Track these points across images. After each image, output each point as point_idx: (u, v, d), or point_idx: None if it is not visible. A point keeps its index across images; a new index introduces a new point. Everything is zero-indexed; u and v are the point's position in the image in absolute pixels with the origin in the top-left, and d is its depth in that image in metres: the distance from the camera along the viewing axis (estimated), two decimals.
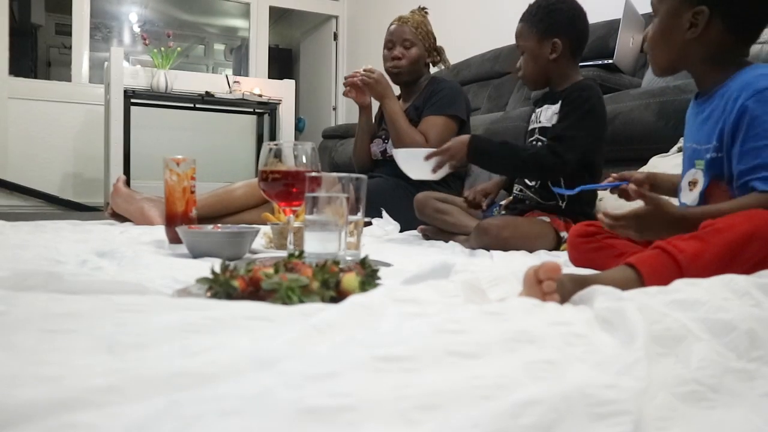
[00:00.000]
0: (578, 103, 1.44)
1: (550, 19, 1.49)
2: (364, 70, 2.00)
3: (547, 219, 1.46)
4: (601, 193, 1.71)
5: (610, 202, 1.64)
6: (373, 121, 2.27)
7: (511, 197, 1.64)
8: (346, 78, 2.08)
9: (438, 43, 2.22)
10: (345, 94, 2.10)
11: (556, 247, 1.43)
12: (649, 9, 1.03)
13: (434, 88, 2.09)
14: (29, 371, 0.39)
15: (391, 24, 2.18)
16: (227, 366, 0.40)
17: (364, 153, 2.23)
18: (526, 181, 1.57)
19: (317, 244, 0.92)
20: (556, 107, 1.50)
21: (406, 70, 2.13)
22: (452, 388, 0.37)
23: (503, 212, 1.63)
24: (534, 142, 1.55)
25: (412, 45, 2.11)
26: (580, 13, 1.53)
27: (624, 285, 0.68)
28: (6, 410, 0.32)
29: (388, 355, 0.41)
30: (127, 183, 2.32)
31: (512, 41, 2.85)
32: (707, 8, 0.92)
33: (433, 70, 2.29)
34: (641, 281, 0.70)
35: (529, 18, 1.52)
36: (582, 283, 0.69)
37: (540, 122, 1.54)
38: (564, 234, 1.44)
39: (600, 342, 0.51)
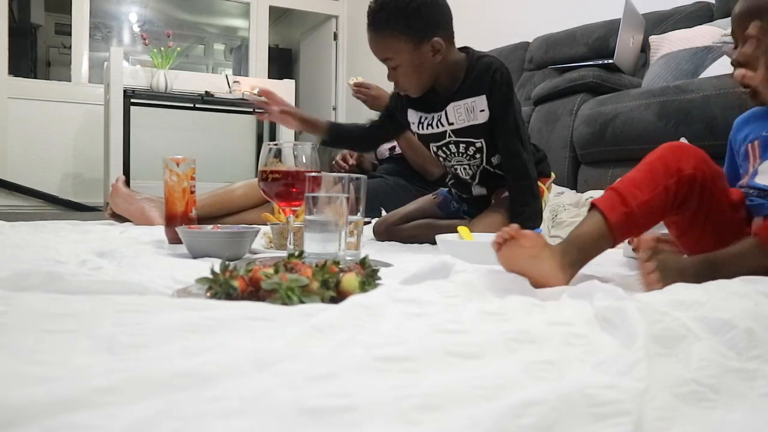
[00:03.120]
0: (506, 88, 1.32)
1: (420, 20, 1.27)
2: (354, 85, 1.98)
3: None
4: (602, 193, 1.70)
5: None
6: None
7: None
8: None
9: None
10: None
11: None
12: (650, 8, 1.02)
13: None
14: (29, 371, 0.39)
15: None
16: (227, 366, 0.40)
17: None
18: (462, 176, 1.48)
19: (317, 244, 0.92)
20: (472, 102, 1.33)
21: None
22: (452, 389, 0.37)
23: (465, 209, 1.56)
24: (449, 146, 1.42)
25: None
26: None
27: (595, 229, 0.81)
28: (6, 410, 0.32)
29: (389, 356, 0.41)
30: (127, 183, 2.32)
31: (512, 41, 2.85)
32: None
33: None
34: (604, 217, 0.81)
35: (390, 24, 1.28)
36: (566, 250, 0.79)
37: (452, 124, 1.37)
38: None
39: (600, 342, 0.51)
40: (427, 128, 1.43)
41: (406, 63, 1.30)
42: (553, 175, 1.56)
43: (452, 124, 1.38)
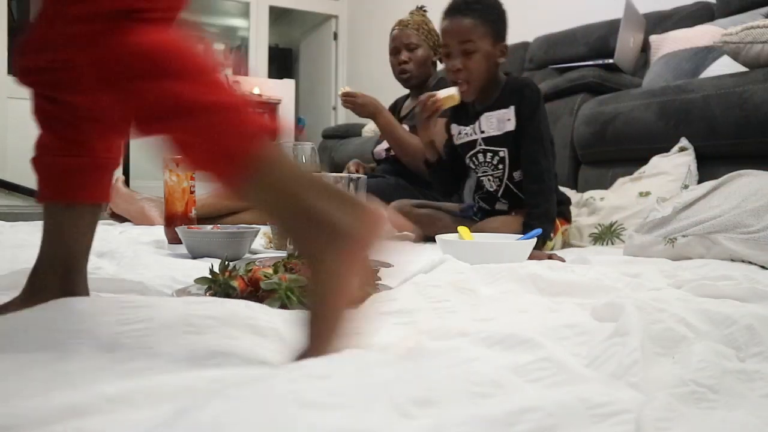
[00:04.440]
0: (535, 104, 1.41)
1: (501, 21, 1.45)
2: (343, 95, 1.99)
3: None
4: (603, 193, 1.71)
5: (610, 201, 1.64)
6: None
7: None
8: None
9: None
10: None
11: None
12: (650, 8, 1.02)
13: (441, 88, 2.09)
14: (31, 372, 0.39)
15: (393, 30, 2.17)
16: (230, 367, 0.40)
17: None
18: (488, 188, 1.55)
19: None
20: (504, 112, 1.44)
21: (415, 73, 2.13)
22: (449, 385, 0.36)
23: (479, 214, 1.62)
24: (478, 155, 1.52)
25: (417, 47, 2.11)
26: None
27: None
28: (14, 414, 0.32)
29: (384, 359, 0.41)
30: (127, 183, 2.32)
31: (512, 41, 2.84)
32: None
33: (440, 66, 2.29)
34: None
35: (481, 14, 1.41)
36: None
37: (483, 132, 1.49)
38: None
39: (595, 341, 0.50)
40: (463, 137, 1.55)
41: (483, 51, 1.42)
42: (573, 222, 1.57)
43: (483, 132, 1.49)
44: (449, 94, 1.45)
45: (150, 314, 0.54)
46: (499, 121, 1.46)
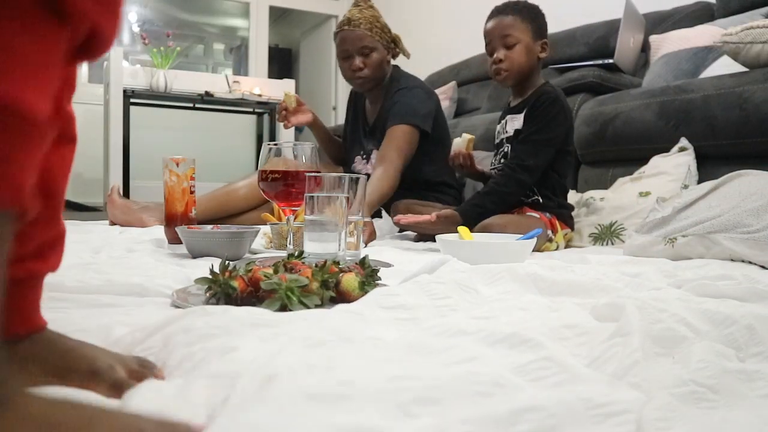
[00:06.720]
0: (543, 109, 1.49)
1: (541, 20, 1.56)
2: (285, 96, 1.94)
3: (537, 215, 1.47)
4: (603, 193, 1.71)
5: (610, 203, 1.64)
6: (342, 126, 2.24)
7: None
8: (278, 118, 1.97)
9: (393, 32, 1.99)
10: (285, 126, 1.97)
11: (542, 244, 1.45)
12: (650, 8, 1.02)
13: (394, 88, 1.94)
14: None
15: (340, 30, 1.91)
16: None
17: (338, 156, 2.19)
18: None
19: (317, 244, 0.92)
20: (521, 115, 1.55)
21: (371, 78, 1.92)
22: (451, 385, 0.37)
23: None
24: (500, 151, 1.62)
25: (372, 50, 1.88)
26: None
27: None
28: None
29: (386, 356, 0.41)
30: (127, 183, 2.31)
31: None
32: None
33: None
34: None
35: (521, 13, 1.55)
36: None
37: (507, 132, 1.59)
38: (549, 232, 1.46)
39: (596, 340, 0.50)
40: (498, 135, 1.65)
41: (523, 44, 1.53)
42: (570, 230, 1.59)
43: (507, 132, 1.59)
44: (466, 142, 1.63)
45: (149, 321, 0.54)
46: (517, 122, 1.56)
